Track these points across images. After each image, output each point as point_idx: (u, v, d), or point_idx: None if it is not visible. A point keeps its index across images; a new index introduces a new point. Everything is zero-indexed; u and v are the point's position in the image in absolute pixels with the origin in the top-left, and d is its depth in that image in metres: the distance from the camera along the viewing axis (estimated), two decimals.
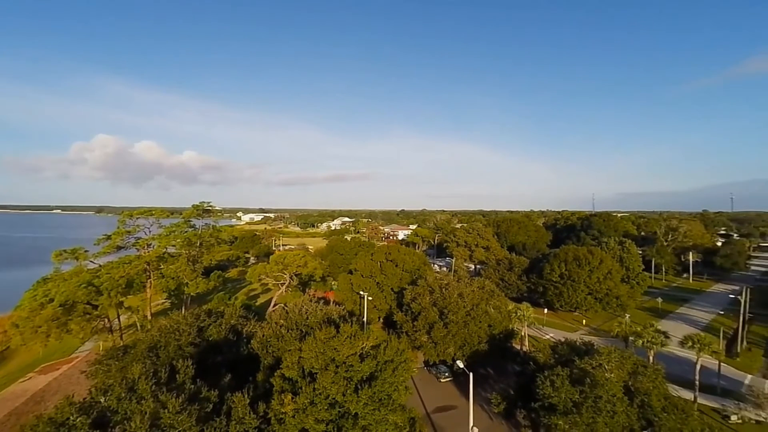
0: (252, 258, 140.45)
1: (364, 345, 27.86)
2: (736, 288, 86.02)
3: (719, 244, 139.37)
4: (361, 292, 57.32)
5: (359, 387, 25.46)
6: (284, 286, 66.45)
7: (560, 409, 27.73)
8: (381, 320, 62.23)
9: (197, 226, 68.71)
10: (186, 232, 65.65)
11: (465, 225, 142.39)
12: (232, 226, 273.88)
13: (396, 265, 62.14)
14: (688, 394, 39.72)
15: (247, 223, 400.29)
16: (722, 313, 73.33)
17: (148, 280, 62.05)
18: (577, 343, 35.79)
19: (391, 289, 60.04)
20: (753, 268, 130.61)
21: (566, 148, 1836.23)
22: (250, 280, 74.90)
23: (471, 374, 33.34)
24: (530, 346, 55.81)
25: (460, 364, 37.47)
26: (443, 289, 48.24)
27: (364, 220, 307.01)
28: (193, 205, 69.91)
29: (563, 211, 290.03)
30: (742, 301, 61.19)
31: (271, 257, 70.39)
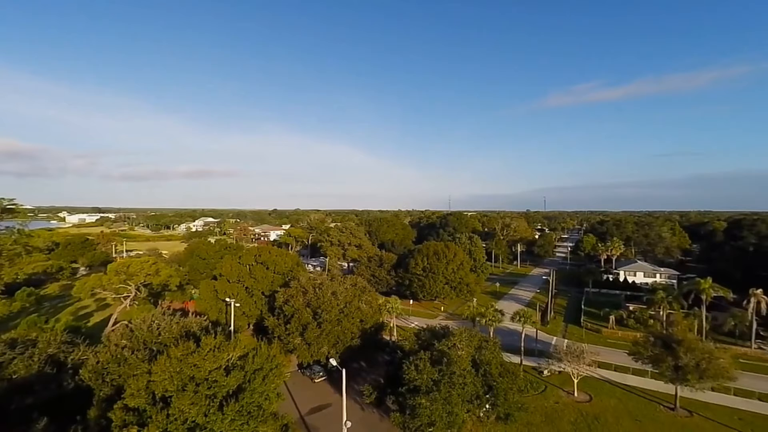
0: (82, 268, 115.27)
1: (231, 356, 25.73)
2: (547, 270, 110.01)
3: (537, 236, 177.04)
4: (228, 299, 52.73)
5: (225, 403, 23.41)
6: (128, 300, 56.13)
7: (423, 389, 30.83)
8: (251, 327, 58.44)
9: None
10: None
11: (339, 224, 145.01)
12: (51, 229, 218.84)
13: (267, 268, 59.18)
14: (517, 359, 49.06)
15: (74, 225, 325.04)
16: (539, 291, 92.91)
17: None
18: (437, 328, 40.35)
19: (262, 293, 56.97)
20: (558, 254, 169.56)
21: (429, 153, 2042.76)
22: (78, 296, 60.90)
23: (344, 370, 34.13)
24: (398, 335, 60.47)
25: (334, 361, 38.00)
26: (317, 289, 48.11)
27: (231, 220, 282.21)
28: None
29: (426, 210, 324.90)
30: (551, 281, 79.11)
31: (109, 266, 58.47)
